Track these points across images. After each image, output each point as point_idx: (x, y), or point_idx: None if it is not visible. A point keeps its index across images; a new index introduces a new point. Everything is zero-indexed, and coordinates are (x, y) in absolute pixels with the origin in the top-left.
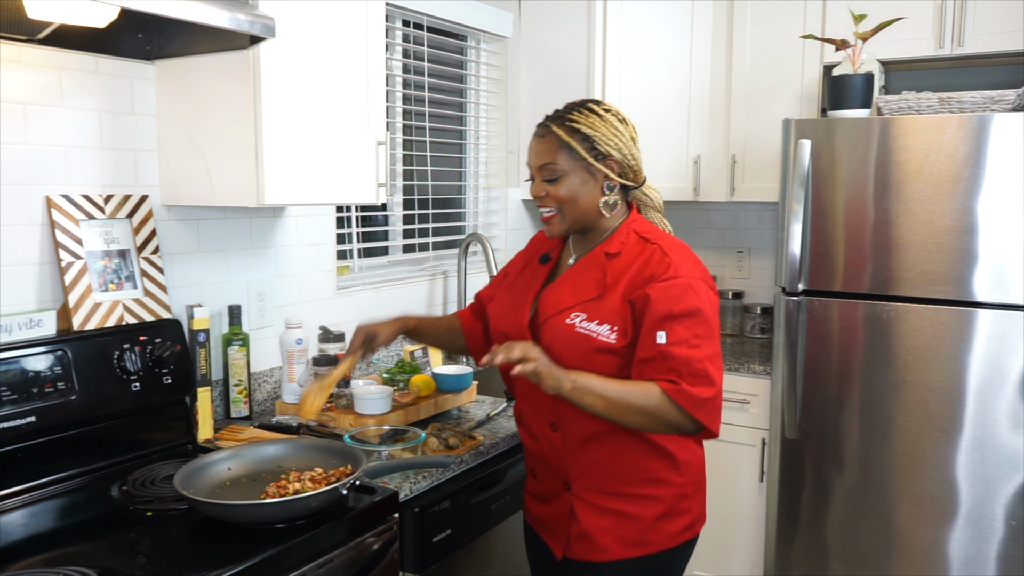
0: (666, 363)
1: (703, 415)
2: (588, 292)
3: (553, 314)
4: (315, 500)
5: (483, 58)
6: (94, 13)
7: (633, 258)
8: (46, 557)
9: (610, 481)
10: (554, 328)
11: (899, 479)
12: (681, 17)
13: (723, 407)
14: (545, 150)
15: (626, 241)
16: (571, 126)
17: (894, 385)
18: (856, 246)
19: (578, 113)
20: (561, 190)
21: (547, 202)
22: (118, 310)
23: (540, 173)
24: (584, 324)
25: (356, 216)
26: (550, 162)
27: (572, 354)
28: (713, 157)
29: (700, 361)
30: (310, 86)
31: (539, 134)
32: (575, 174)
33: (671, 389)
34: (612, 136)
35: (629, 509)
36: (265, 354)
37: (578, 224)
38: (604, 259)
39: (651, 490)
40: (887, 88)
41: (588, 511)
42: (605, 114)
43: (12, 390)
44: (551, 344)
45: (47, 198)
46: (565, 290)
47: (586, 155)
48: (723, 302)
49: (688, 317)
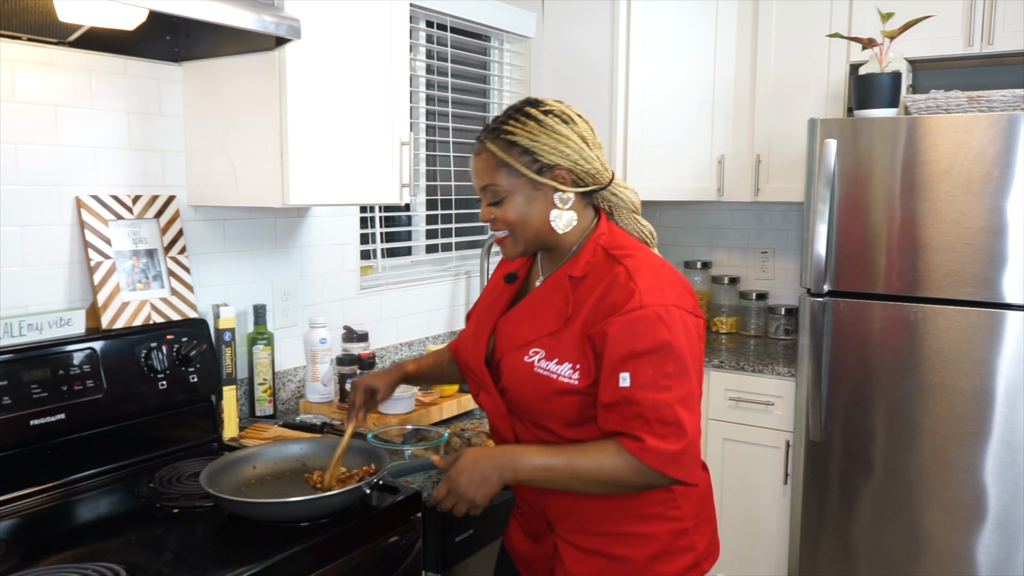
0: (631, 409)
1: (675, 470)
2: (548, 324)
3: (510, 349)
4: (339, 499)
5: (506, 58)
6: (123, 16)
7: (597, 281)
8: (75, 553)
9: (594, 520)
10: (511, 366)
11: (926, 483)
12: (705, 17)
13: (747, 408)
14: (483, 170)
15: (592, 260)
16: (507, 139)
17: (921, 387)
18: (882, 247)
19: (514, 122)
20: (508, 212)
21: (497, 226)
22: (146, 309)
23: (484, 195)
24: (543, 364)
25: (379, 216)
26: (490, 183)
27: (531, 396)
28: (737, 157)
29: (670, 406)
30: (335, 87)
31: (475, 152)
32: (519, 193)
33: (635, 448)
34: (555, 143)
35: (618, 551)
36: (289, 353)
37: (535, 244)
38: (567, 284)
39: (642, 527)
40: (915, 87)
41: (573, 554)
42: (545, 117)
43: (42, 388)
44: (509, 384)
45: (77, 198)
46: (524, 320)
47: (527, 171)
48: (747, 303)
49: (655, 354)
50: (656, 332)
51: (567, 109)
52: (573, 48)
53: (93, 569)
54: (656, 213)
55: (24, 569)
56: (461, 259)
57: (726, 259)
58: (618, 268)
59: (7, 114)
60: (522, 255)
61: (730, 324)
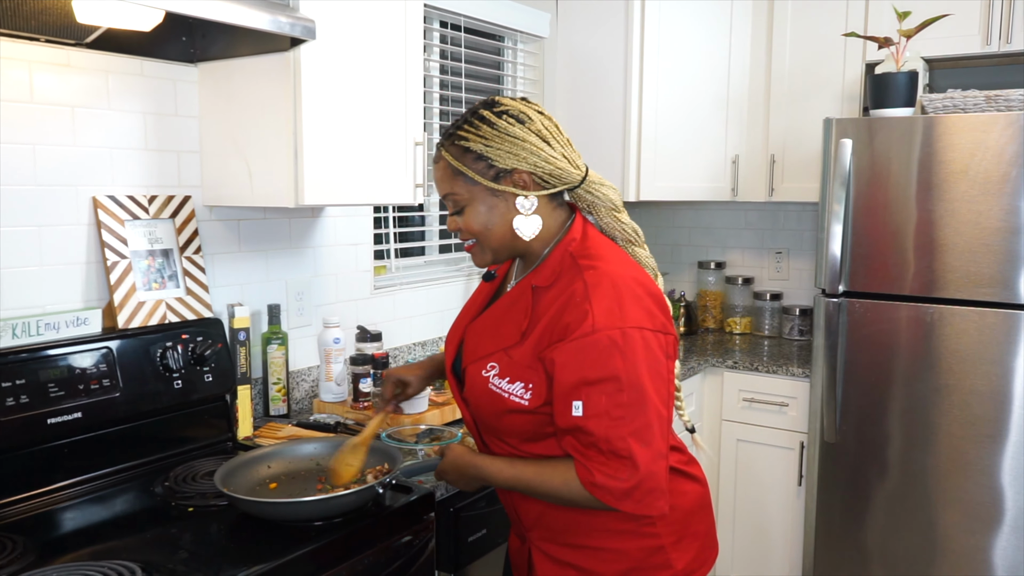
0: (586, 438)
1: (630, 505)
2: (507, 337)
3: (472, 360)
4: (352, 498)
5: (520, 58)
6: (140, 17)
7: (559, 294)
8: (91, 551)
9: (566, 532)
10: (472, 379)
11: (942, 485)
12: (720, 17)
13: (761, 409)
14: (441, 179)
15: (558, 269)
16: (461, 146)
17: (937, 389)
18: (898, 247)
19: (468, 127)
20: (470, 221)
21: (463, 235)
22: (161, 309)
23: (447, 204)
24: (496, 380)
25: (393, 216)
26: (449, 192)
27: (486, 411)
28: (752, 157)
29: (623, 439)
30: (349, 87)
31: (433, 159)
32: (479, 200)
33: (586, 483)
34: (511, 147)
35: (588, 564)
36: (303, 353)
37: (505, 252)
38: (530, 296)
39: (613, 543)
40: (931, 86)
41: (545, 563)
42: (498, 120)
43: (59, 386)
44: (470, 396)
45: (94, 199)
46: (487, 330)
47: (482, 179)
48: (761, 303)
49: (608, 382)
50: (609, 360)
51: (524, 107)
52: (587, 48)
53: (110, 567)
54: (670, 213)
55: (42, 567)
56: None
57: (740, 259)
58: (577, 283)
59: (26, 115)
60: (494, 263)
61: (744, 325)
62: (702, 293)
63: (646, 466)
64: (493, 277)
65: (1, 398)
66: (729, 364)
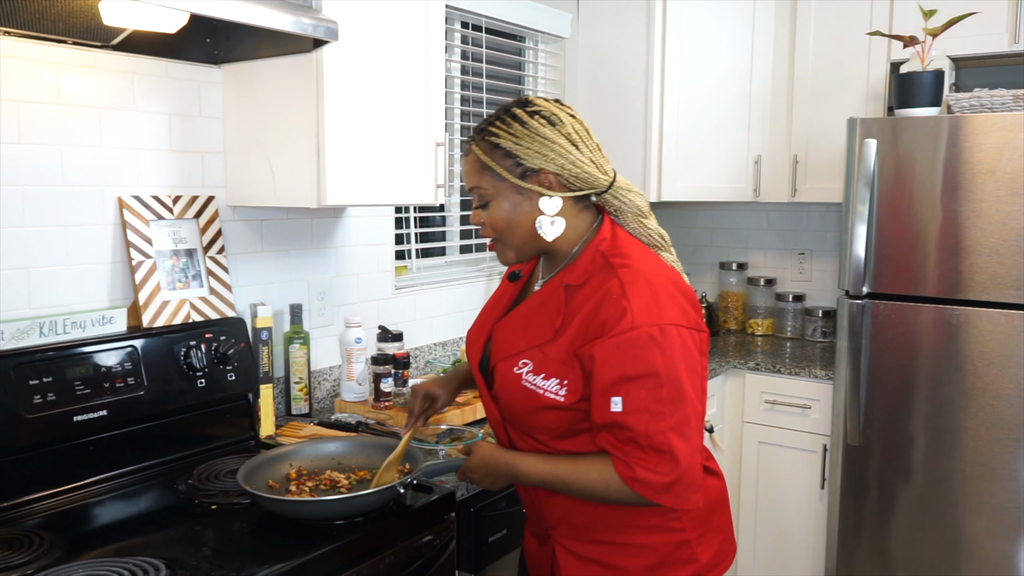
0: (625, 433)
1: (670, 500)
2: (540, 334)
3: (503, 358)
4: (373, 498)
5: (541, 59)
6: (165, 19)
7: (592, 292)
8: (116, 547)
9: (592, 529)
10: (502, 376)
11: (967, 489)
12: (742, 16)
13: (784, 411)
14: (469, 172)
15: (590, 268)
16: (491, 141)
17: (963, 392)
18: (923, 248)
19: (499, 123)
20: (494, 216)
21: (486, 231)
22: (185, 308)
23: (473, 197)
24: (530, 377)
25: (414, 217)
26: (476, 186)
27: (519, 408)
28: (774, 157)
29: (663, 433)
30: (371, 88)
31: (463, 152)
32: (504, 197)
33: (626, 477)
34: (540, 146)
35: (614, 560)
36: (325, 352)
37: (527, 250)
38: (562, 293)
39: (640, 538)
40: (958, 85)
41: (570, 560)
42: (530, 119)
43: (85, 384)
44: (500, 394)
45: (119, 199)
46: (518, 327)
47: (509, 175)
48: (784, 305)
49: (648, 378)
50: (649, 356)
51: (557, 109)
52: (608, 48)
53: (135, 563)
54: (692, 214)
55: (68, 563)
56: (494, 260)
57: (762, 260)
58: (612, 281)
59: (54, 116)
60: (517, 261)
61: (766, 326)
62: (724, 294)
63: (685, 460)
64: (519, 277)
65: (29, 395)
66: (751, 366)
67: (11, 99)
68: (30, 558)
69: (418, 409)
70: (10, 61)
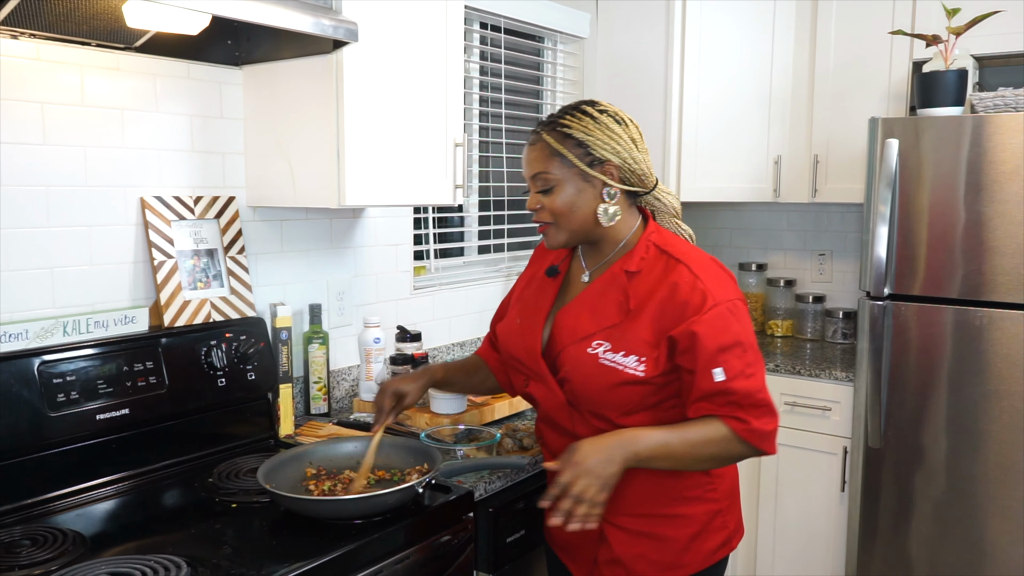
0: (726, 398)
1: (768, 446)
2: (609, 317)
3: (572, 342)
4: (392, 498)
5: (559, 59)
6: (187, 21)
7: (657, 279)
8: (137, 544)
9: (641, 503)
10: (574, 358)
11: (990, 492)
12: (762, 16)
13: (804, 413)
14: (536, 159)
15: (646, 256)
16: (563, 132)
17: (986, 394)
18: (946, 249)
19: (571, 117)
20: (556, 201)
21: (542, 215)
22: (206, 308)
23: (534, 184)
24: (609, 355)
25: (433, 217)
26: (542, 171)
27: (594, 386)
28: (794, 157)
29: (760, 391)
30: (390, 89)
31: (530, 142)
32: (570, 183)
33: (741, 429)
34: (608, 140)
35: (662, 531)
36: (344, 352)
37: (578, 236)
38: (624, 279)
39: (683, 509)
40: (981, 85)
41: (620, 536)
42: (600, 116)
43: (108, 383)
44: (571, 375)
45: (141, 199)
46: (583, 313)
47: (579, 162)
48: (804, 306)
49: (737, 347)
50: (732, 327)
51: (621, 112)
52: (627, 48)
53: (156, 561)
54: (711, 214)
55: (91, 559)
56: (513, 260)
57: (782, 261)
58: (679, 268)
59: (78, 118)
60: (564, 246)
61: (786, 327)
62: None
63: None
64: (557, 273)
65: (52, 394)
66: (771, 367)
67: (36, 101)
68: (54, 554)
69: (387, 407)
70: (35, 63)
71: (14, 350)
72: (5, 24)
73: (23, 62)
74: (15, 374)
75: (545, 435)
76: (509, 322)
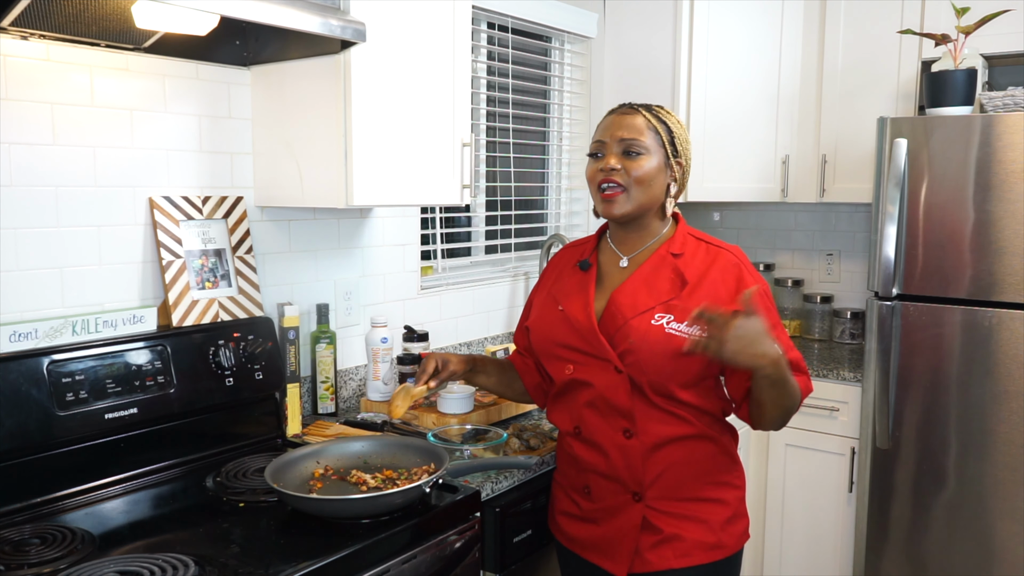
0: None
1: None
2: (666, 292)
3: (634, 315)
4: (399, 497)
5: (567, 59)
6: (196, 21)
7: (705, 263)
8: (146, 543)
9: (682, 486)
10: (641, 330)
11: (999, 494)
12: (770, 15)
13: (811, 414)
14: (632, 125)
15: (686, 243)
16: (659, 116)
17: (996, 395)
18: (955, 249)
19: (661, 109)
20: (642, 166)
21: (617, 176)
22: (214, 307)
23: (619, 145)
24: (673, 326)
25: (440, 217)
26: (636, 137)
27: (661, 355)
28: (802, 157)
29: (802, 359)
30: (398, 89)
31: (624, 111)
32: (656, 158)
33: (804, 386)
34: (687, 143)
35: (703, 514)
36: (351, 352)
37: (640, 210)
38: (672, 259)
39: (718, 493)
40: (991, 84)
41: (665, 520)
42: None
43: (116, 382)
44: (637, 346)
45: (150, 199)
46: (640, 291)
47: (667, 145)
48: (811, 306)
49: (779, 324)
50: (772, 308)
51: None
52: (635, 48)
53: (164, 559)
54: (719, 214)
55: (99, 558)
56: (520, 260)
57: (790, 261)
58: (722, 252)
59: (87, 118)
60: (624, 218)
61: (794, 328)
62: None
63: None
64: (589, 266)
65: (61, 393)
66: None
67: (45, 101)
68: (63, 553)
69: (430, 368)
70: (45, 64)
71: (23, 349)
72: (15, 25)
73: (33, 63)
74: (24, 373)
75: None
76: (545, 312)
